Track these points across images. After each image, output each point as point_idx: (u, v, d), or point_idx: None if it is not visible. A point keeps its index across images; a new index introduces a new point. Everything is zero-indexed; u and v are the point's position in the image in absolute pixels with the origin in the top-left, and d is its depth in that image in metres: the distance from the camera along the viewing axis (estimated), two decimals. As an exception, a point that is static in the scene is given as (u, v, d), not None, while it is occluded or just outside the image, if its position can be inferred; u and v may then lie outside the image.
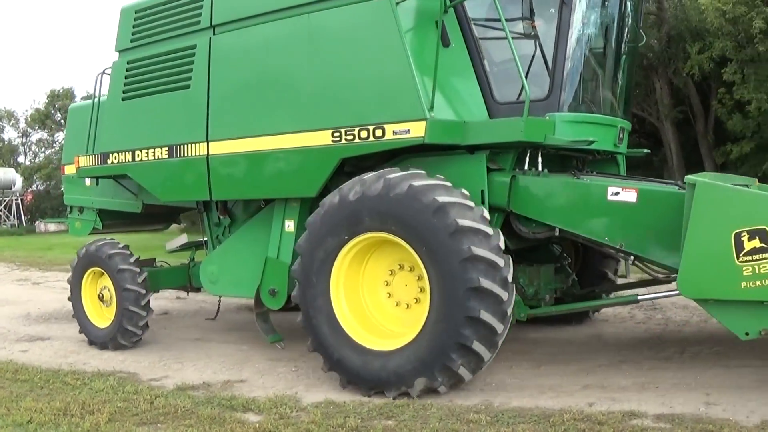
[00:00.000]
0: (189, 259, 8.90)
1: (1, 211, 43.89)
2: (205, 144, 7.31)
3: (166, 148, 7.64)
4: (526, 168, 6.34)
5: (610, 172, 7.22)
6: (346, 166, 6.53)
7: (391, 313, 6.23)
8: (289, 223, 7.08)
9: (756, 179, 6.36)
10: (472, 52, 6.47)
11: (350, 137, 6.28)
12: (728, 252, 5.01)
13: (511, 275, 5.61)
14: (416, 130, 5.92)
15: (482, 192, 6.10)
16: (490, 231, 5.59)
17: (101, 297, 8.29)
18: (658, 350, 6.96)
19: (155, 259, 9.00)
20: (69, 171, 9.51)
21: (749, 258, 4.97)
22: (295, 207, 7.05)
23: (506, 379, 6.23)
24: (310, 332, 6.22)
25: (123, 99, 8.11)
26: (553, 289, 7.01)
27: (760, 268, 4.95)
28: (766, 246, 4.93)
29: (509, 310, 5.60)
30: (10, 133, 53.74)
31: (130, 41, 8.13)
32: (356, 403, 5.69)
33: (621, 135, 6.92)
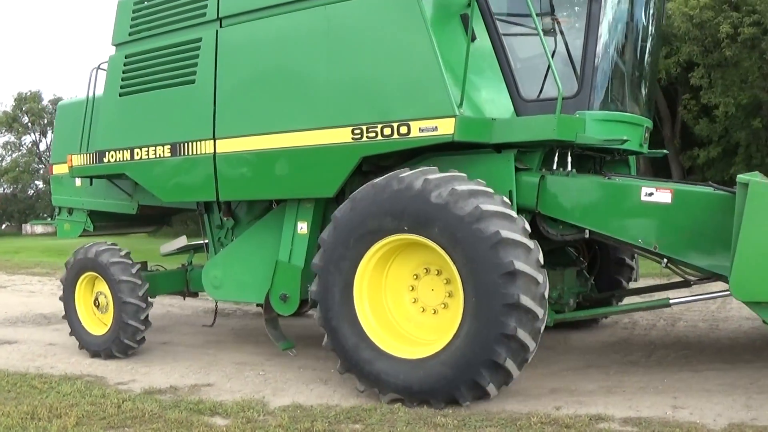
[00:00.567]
0: (187, 262, 8.25)
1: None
2: (212, 141, 6.71)
3: (169, 146, 7.01)
4: (554, 168, 5.93)
5: (621, 173, 6.85)
6: (363, 165, 6.02)
7: (417, 319, 5.74)
8: (302, 225, 6.53)
9: None
10: (497, 48, 6.03)
11: (372, 135, 5.79)
12: None
13: (547, 291, 5.20)
14: (444, 128, 5.47)
15: (510, 193, 5.68)
16: (531, 244, 5.14)
17: (96, 303, 7.57)
18: (625, 354, 6.71)
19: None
20: (58, 171, 8.77)
21: None
22: (309, 208, 6.51)
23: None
24: (328, 332, 5.71)
25: (120, 95, 7.43)
26: (576, 293, 6.61)
27: None
28: None
29: (542, 328, 5.18)
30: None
31: (128, 34, 7.45)
32: (323, 407, 5.52)
33: (646, 135, 6.56)
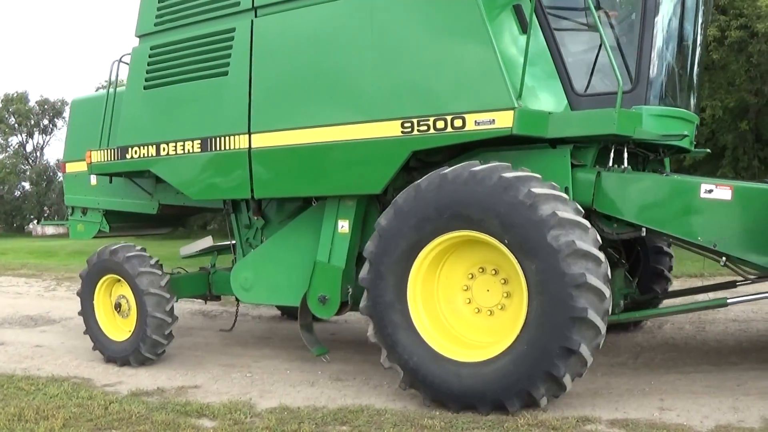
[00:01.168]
0: (210, 264, 7.68)
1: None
2: (247, 136, 6.19)
3: (199, 141, 6.47)
4: (610, 164, 5.54)
5: (658, 171, 6.51)
6: (410, 161, 5.56)
7: (472, 321, 5.30)
8: (343, 223, 6.04)
9: None
10: (549, 41, 5.63)
11: (423, 128, 5.34)
12: None
13: (610, 307, 4.82)
14: (503, 120, 5.06)
15: (566, 189, 5.28)
16: (602, 257, 4.73)
17: (118, 307, 6.96)
18: (612, 356, 6.44)
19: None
20: (71, 169, 8.15)
21: None
22: (351, 206, 6.02)
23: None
24: (376, 322, 5.26)
25: (145, 88, 6.87)
26: (625, 294, 6.22)
27: None
28: None
29: (601, 343, 4.80)
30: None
31: (154, 25, 6.89)
32: (310, 408, 5.35)
33: (695, 131, 6.22)
